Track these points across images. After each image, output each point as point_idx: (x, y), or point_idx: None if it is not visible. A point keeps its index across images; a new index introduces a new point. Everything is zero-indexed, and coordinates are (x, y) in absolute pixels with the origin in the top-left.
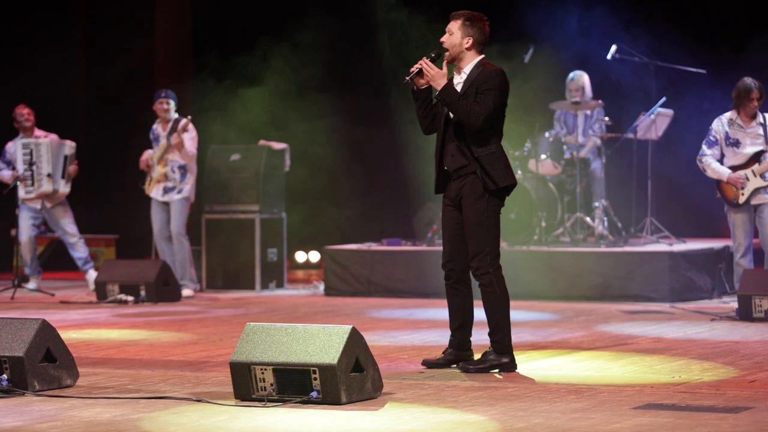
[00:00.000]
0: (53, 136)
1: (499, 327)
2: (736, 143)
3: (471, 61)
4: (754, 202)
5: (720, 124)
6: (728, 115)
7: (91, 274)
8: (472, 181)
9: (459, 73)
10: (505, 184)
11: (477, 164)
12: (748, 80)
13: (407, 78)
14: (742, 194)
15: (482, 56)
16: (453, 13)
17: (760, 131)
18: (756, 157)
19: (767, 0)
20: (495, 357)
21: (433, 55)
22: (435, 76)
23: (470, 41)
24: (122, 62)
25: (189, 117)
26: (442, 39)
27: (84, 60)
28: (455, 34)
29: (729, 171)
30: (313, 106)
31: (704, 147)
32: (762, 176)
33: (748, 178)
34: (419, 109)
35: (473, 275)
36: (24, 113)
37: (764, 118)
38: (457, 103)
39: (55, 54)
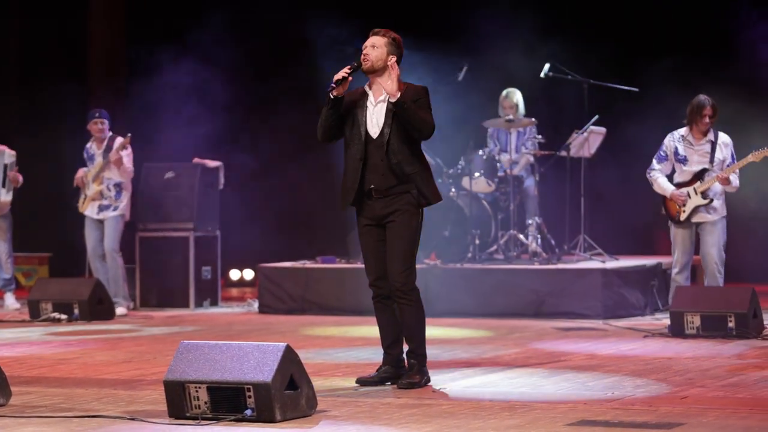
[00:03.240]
0: (0, 147)
1: (422, 341)
2: (684, 160)
3: (392, 79)
4: (695, 220)
5: (672, 140)
6: (681, 131)
7: (9, 297)
8: (407, 199)
9: (371, 87)
10: (436, 202)
11: (410, 183)
12: (702, 97)
13: (333, 84)
14: (683, 211)
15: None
16: (377, 29)
17: (708, 149)
18: (699, 175)
19: (701, 21)
20: (421, 370)
21: (355, 63)
22: (392, 87)
23: (393, 60)
24: (55, 69)
25: (129, 135)
26: (366, 52)
27: (18, 69)
28: (381, 49)
29: (673, 188)
30: (247, 121)
31: (654, 161)
32: (703, 194)
33: (689, 196)
34: (330, 117)
35: (397, 290)
36: None
37: (716, 136)
38: (415, 111)
39: None
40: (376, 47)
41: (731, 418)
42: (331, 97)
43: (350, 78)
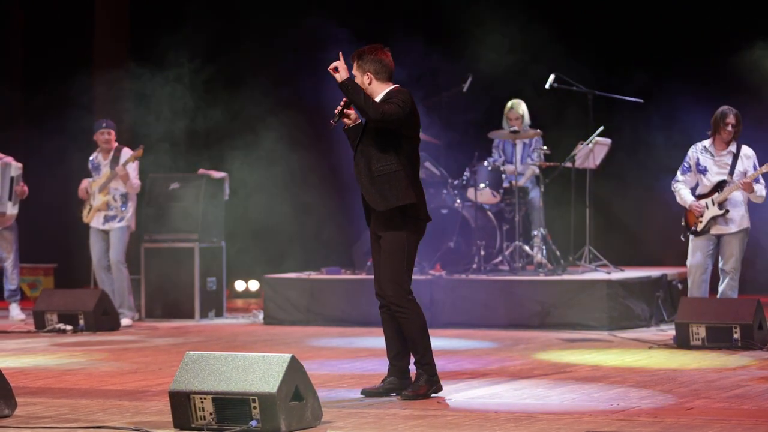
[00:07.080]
0: (7, 159)
1: (425, 350)
2: (705, 171)
3: (380, 94)
4: (714, 231)
5: (694, 151)
6: (705, 142)
7: (15, 308)
8: (380, 213)
9: None
10: (397, 204)
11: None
12: (726, 107)
13: (332, 121)
14: (700, 222)
15: (392, 86)
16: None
17: (728, 160)
18: (718, 187)
19: (704, 33)
20: (429, 380)
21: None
22: (342, 68)
23: (369, 77)
24: (59, 80)
25: (141, 146)
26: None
27: (21, 79)
28: (357, 76)
29: (693, 199)
30: (251, 132)
31: (678, 173)
32: (719, 205)
33: (707, 207)
34: (352, 143)
35: (391, 304)
36: None
37: (738, 148)
38: (358, 93)
39: None
40: (356, 77)
41: (736, 430)
42: (344, 129)
43: (346, 109)
